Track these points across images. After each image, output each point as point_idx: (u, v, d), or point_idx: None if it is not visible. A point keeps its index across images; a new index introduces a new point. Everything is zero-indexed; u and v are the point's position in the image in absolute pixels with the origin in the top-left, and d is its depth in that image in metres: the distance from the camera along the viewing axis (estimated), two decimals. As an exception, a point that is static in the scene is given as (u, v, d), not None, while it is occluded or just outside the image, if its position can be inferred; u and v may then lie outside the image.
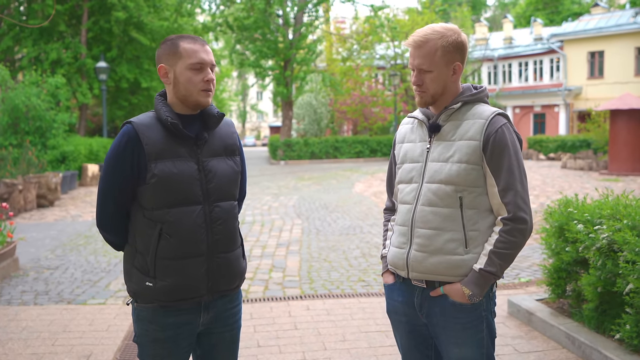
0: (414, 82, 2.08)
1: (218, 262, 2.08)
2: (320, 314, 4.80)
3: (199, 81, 2.02)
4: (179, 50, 2.03)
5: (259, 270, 6.41)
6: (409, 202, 2.11)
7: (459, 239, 2.01)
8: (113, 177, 2.04)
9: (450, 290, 2.02)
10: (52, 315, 4.81)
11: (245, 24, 26.50)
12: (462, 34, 2.06)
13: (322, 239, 8.21)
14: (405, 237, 2.10)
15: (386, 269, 2.24)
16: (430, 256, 2.03)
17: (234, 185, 2.16)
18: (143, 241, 2.03)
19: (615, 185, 13.83)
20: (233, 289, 2.17)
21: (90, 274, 6.27)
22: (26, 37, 20.69)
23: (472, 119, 2.04)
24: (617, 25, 29.72)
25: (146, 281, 2.03)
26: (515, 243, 1.97)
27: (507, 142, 1.98)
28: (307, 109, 31.55)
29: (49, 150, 15.76)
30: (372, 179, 17.67)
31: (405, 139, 2.21)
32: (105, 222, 2.10)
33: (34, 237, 8.56)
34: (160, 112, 2.05)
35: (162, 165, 1.99)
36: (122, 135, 2.03)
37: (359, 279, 5.96)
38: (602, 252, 3.62)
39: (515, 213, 1.96)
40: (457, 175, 2.00)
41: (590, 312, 3.86)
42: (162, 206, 2.00)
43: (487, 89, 2.15)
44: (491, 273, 1.97)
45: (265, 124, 72.30)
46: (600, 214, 3.82)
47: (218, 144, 2.12)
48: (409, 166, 2.14)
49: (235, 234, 2.17)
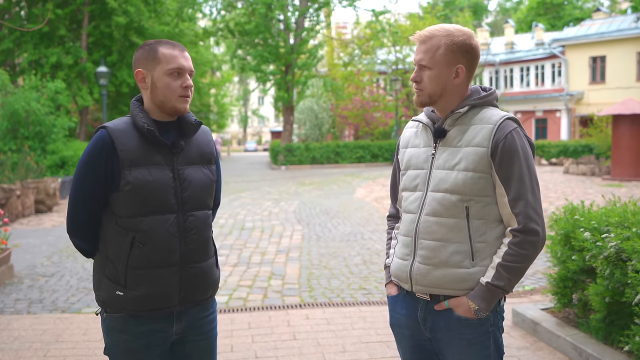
0: (412, 77, 1.97)
1: (191, 272, 2.03)
2: (319, 323, 4.69)
3: (177, 87, 1.98)
4: (157, 55, 1.98)
5: (258, 277, 6.29)
6: (412, 212, 2.00)
7: (465, 251, 1.90)
8: (85, 183, 1.97)
9: (456, 304, 1.92)
10: (46, 324, 4.70)
11: (247, 28, 26.47)
12: (473, 38, 1.95)
13: (322, 245, 8.10)
14: (409, 249, 2.00)
15: (389, 280, 2.14)
16: (435, 269, 1.92)
17: (209, 194, 2.12)
18: (114, 249, 1.97)
19: (618, 191, 13.71)
20: (207, 299, 2.12)
21: (86, 281, 6.16)
22: (27, 41, 20.68)
23: (480, 123, 1.92)
24: (618, 30, 29.66)
25: (116, 290, 1.97)
26: (525, 256, 1.85)
27: (517, 148, 1.87)
28: (309, 114, 31.48)
29: (49, 155, 15.67)
30: (374, 185, 17.57)
31: (409, 143, 2.10)
32: (75, 228, 2.04)
33: (31, 243, 8.46)
34: (137, 118, 1.99)
35: (136, 172, 1.93)
36: (96, 140, 1.96)
37: (360, 286, 5.84)
38: (610, 261, 3.50)
39: (526, 224, 1.84)
40: (463, 184, 1.88)
41: (598, 322, 3.75)
42: (136, 214, 1.94)
43: (497, 91, 2.03)
44: (499, 287, 1.86)
45: (267, 129, 72.25)
46: (608, 221, 3.70)
47: (194, 152, 2.07)
48: (413, 173, 2.03)
49: (209, 244, 2.12)
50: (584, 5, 48.37)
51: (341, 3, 27.40)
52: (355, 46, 32.17)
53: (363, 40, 31.71)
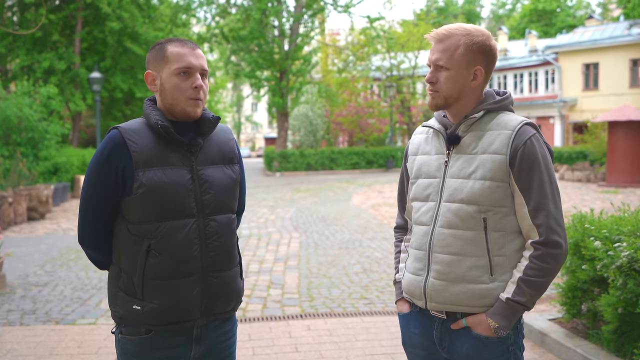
0: (427, 78, 1.86)
1: (213, 281, 1.87)
2: (322, 334, 4.57)
3: (186, 88, 1.83)
4: (166, 54, 1.85)
5: (257, 287, 6.17)
6: (425, 224, 1.88)
7: (484, 266, 1.78)
8: (96, 187, 1.83)
9: (474, 322, 1.80)
10: (39, 336, 4.56)
11: (241, 34, 26.39)
12: (492, 39, 1.85)
13: (320, 253, 7.98)
14: (422, 263, 1.87)
15: (400, 297, 2.01)
16: (451, 285, 1.81)
17: (232, 196, 1.95)
18: (129, 260, 1.82)
19: (614, 197, 13.69)
20: (229, 311, 1.96)
21: (81, 291, 6.02)
22: (19, 46, 20.48)
23: (497, 129, 1.81)
24: (611, 38, 29.81)
25: (133, 304, 1.82)
26: (548, 270, 1.74)
27: (537, 156, 1.76)
28: (303, 120, 31.41)
29: (41, 161, 15.48)
30: (370, 191, 17.48)
31: (420, 150, 1.97)
32: (87, 237, 1.90)
33: (24, 251, 8.29)
34: (150, 116, 1.85)
35: (150, 173, 1.79)
36: (107, 141, 1.82)
37: (361, 296, 5.73)
38: (623, 271, 3.42)
39: (548, 236, 1.73)
40: (480, 194, 1.77)
41: (610, 334, 3.65)
42: (151, 220, 1.79)
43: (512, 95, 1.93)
44: (520, 303, 1.75)
45: (260, 135, 72.14)
46: (619, 230, 3.62)
47: (215, 151, 1.92)
48: (425, 182, 1.91)
49: (233, 251, 1.95)
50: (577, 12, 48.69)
51: (336, 9, 27.36)
52: (350, 52, 32.16)
53: (357, 46, 31.71)
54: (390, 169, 28.36)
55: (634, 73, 29.25)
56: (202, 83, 1.86)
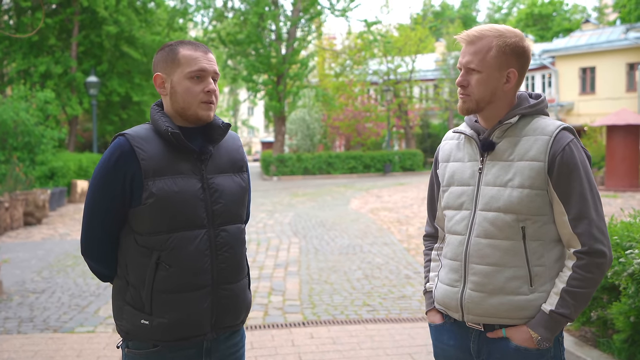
0: (458, 82, 1.79)
1: (223, 294, 1.81)
2: (325, 342, 4.49)
3: (198, 92, 1.77)
4: (177, 57, 1.78)
5: (258, 293, 6.08)
6: (460, 233, 1.81)
7: (523, 276, 1.72)
8: (101, 197, 1.75)
9: (515, 334, 1.73)
10: (37, 345, 4.46)
11: (238, 38, 26.35)
12: (525, 40, 1.79)
13: (321, 259, 7.90)
14: (458, 274, 1.81)
15: (432, 307, 1.95)
16: (490, 296, 1.74)
17: (242, 205, 1.90)
18: (137, 272, 1.75)
19: (614, 202, 13.65)
20: (238, 324, 1.91)
21: (79, 298, 5.92)
22: (16, 50, 20.38)
23: (533, 135, 1.74)
24: (608, 42, 29.88)
25: (141, 319, 1.75)
26: (592, 280, 1.68)
27: (576, 162, 1.70)
28: (300, 124, 31.34)
29: (38, 166, 15.36)
30: (368, 196, 17.41)
31: (451, 157, 1.90)
32: (91, 249, 1.81)
33: (20, 257, 8.18)
34: (159, 122, 1.77)
35: (161, 183, 1.72)
36: (114, 148, 1.74)
37: (364, 303, 5.65)
38: (635, 278, 3.35)
39: (591, 245, 1.67)
40: (518, 203, 1.70)
41: (621, 343, 3.58)
42: (160, 231, 1.72)
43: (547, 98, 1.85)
44: (564, 316, 1.69)
45: (257, 139, 72.07)
46: (631, 236, 3.56)
47: (224, 158, 1.86)
48: (458, 190, 1.84)
49: (243, 262, 1.90)
50: (573, 16, 48.86)
51: (333, 13, 27.35)
52: (347, 56, 32.15)
53: (355, 50, 31.71)
54: (388, 173, 28.32)
55: (631, 77, 29.31)
56: (214, 87, 1.82)
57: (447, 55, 33.68)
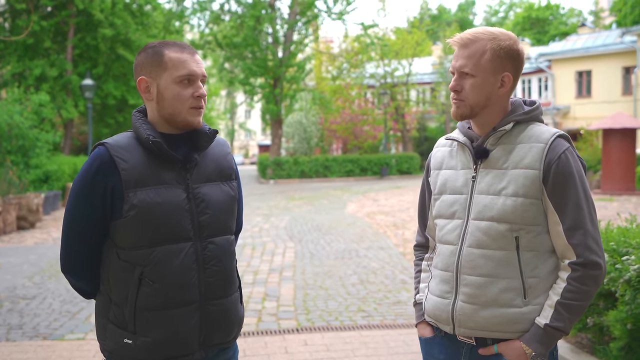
0: (451, 86, 1.73)
1: (212, 310, 1.73)
2: (319, 349, 4.43)
3: (188, 97, 1.69)
4: (163, 59, 1.70)
5: (252, 299, 6.02)
6: (452, 243, 1.75)
7: (516, 288, 1.66)
8: (81, 210, 1.68)
9: (507, 349, 1.67)
10: (26, 353, 4.39)
11: (235, 41, 26.31)
12: (519, 42, 1.73)
13: (316, 263, 7.83)
14: (449, 285, 1.75)
15: (421, 319, 1.89)
16: (482, 309, 1.68)
17: (231, 215, 1.81)
18: (119, 289, 1.67)
19: (610, 205, 13.64)
20: (230, 340, 1.81)
21: (70, 304, 5.84)
22: (10, 53, 20.29)
23: (528, 142, 1.69)
24: (604, 45, 29.95)
25: (124, 338, 1.67)
26: (587, 293, 1.63)
27: (572, 171, 1.65)
28: (297, 128, 31.32)
29: (32, 169, 15.27)
30: (364, 199, 17.36)
31: (444, 164, 1.85)
32: (70, 264, 1.74)
33: (12, 262, 8.10)
34: (140, 130, 1.69)
35: (142, 194, 1.64)
36: (93, 159, 1.67)
37: (359, 308, 5.59)
38: (632, 285, 3.31)
39: (587, 257, 1.62)
40: (512, 212, 1.65)
41: (618, 351, 3.53)
42: (143, 245, 1.64)
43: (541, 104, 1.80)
44: (559, 329, 1.63)
45: (254, 142, 72.05)
46: (628, 242, 3.51)
47: (211, 167, 1.77)
48: (450, 198, 1.78)
49: (233, 275, 1.81)
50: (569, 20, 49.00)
51: (330, 16, 27.34)
52: (344, 59, 32.15)
53: (351, 53, 31.70)
54: (384, 177, 28.29)
55: (627, 80, 29.37)
56: (204, 91, 1.74)
57: (444, 58, 33.71)
